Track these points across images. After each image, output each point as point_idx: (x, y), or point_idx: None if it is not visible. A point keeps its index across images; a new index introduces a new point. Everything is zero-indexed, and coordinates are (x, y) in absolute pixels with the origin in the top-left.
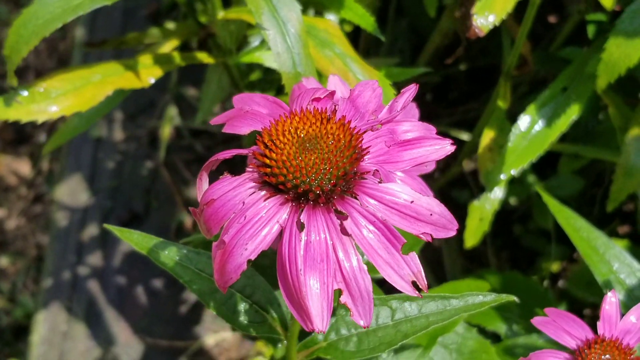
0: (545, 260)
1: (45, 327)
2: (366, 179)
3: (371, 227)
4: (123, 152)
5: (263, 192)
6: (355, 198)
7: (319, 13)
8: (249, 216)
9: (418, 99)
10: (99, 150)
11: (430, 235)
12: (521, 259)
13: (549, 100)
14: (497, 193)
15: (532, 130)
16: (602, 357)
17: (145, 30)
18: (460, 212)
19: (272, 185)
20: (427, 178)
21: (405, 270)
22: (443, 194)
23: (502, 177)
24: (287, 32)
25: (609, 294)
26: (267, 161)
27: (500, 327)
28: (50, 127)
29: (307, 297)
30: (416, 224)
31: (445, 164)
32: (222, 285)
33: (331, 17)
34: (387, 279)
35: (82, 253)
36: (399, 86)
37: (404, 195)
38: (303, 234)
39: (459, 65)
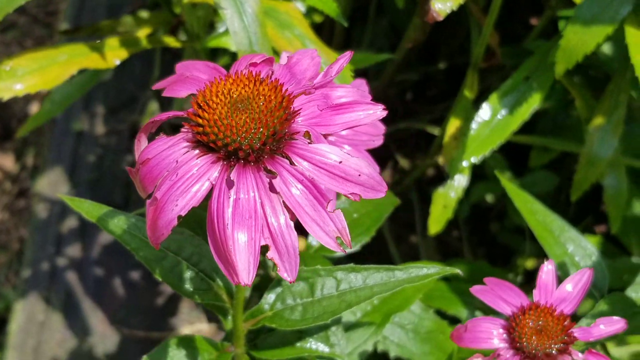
0: (520, 257)
1: (22, 317)
2: (296, 139)
3: (299, 186)
4: (104, 146)
5: (196, 151)
6: (286, 158)
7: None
8: (180, 173)
9: (398, 96)
10: (80, 143)
11: (359, 195)
12: (498, 256)
13: (511, 90)
14: (461, 181)
15: (494, 119)
16: (536, 323)
17: (119, 19)
18: None
19: (204, 144)
20: (402, 172)
21: (331, 227)
22: (421, 191)
23: (464, 164)
24: (244, 12)
25: (546, 263)
26: (200, 120)
27: (462, 312)
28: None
29: (234, 251)
30: (345, 184)
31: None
32: (155, 242)
33: (299, 5)
34: (312, 234)
35: (61, 244)
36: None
37: (332, 156)
38: (232, 191)
39: (438, 63)
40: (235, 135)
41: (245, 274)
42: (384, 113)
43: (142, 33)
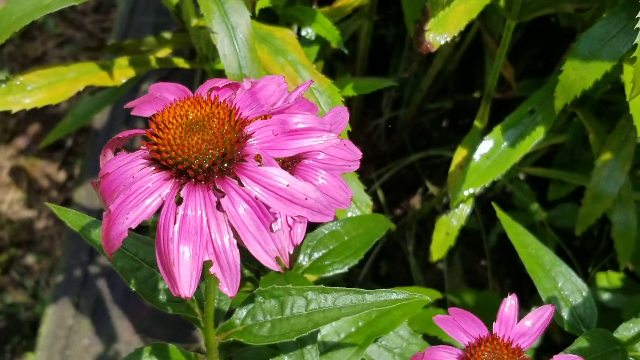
0: None
1: (53, 320)
2: (247, 161)
3: (245, 206)
4: None
5: (152, 168)
6: (235, 178)
7: (299, 28)
8: (134, 188)
9: (433, 124)
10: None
11: (306, 218)
12: (524, 287)
13: (515, 123)
14: (464, 209)
15: (496, 151)
16: (491, 354)
17: (142, 39)
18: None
19: (158, 162)
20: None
21: (271, 247)
22: None
23: (465, 193)
24: (236, 37)
25: (509, 297)
26: (155, 139)
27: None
28: (79, 131)
29: (177, 264)
30: (291, 206)
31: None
32: (108, 252)
33: (309, 31)
34: (253, 253)
35: (94, 253)
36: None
37: (280, 179)
38: (180, 208)
39: (474, 92)
40: (186, 155)
41: (187, 287)
42: (337, 141)
43: (163, 53)
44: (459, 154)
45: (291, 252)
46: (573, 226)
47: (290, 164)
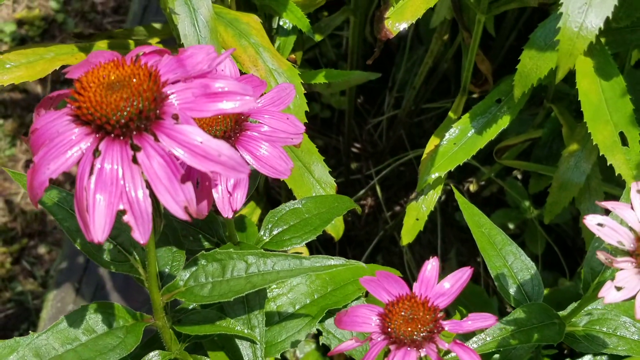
0: None
1: (54, 305)
2: (164, 119)
3: (160, 160)
4: None
5: (75, 124)
6: (152, 135)
7: (271, 16)
8: (56, 141)
9: (434, 123)
10: None
11: (219, 174)
12: None
13: (483, 111)
14: (434, 195)
15: (463, 138)
16: (408, 312)
17: (133, 28)
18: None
19: (81, 118)
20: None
21: (181, 197)
22: (445, 215)
23: (433, 176)
24: (197, 18)
25: (431, 259)
26: (77, 96)
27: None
28: None
29: (92, 212)
30: (206, 162)
31: None
32: (33, 201)
33: (287, 21)
34: (164, 203)
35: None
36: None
37: (195, 136)
38: (98, 160)
39: (474, 93)
40: (104, 111)
41: (100, 232)
42: (256, 105)
43: (152, 42)
44: (432, 142)
45: (230, 216)
46: (565, 223)
47: (233, 135)
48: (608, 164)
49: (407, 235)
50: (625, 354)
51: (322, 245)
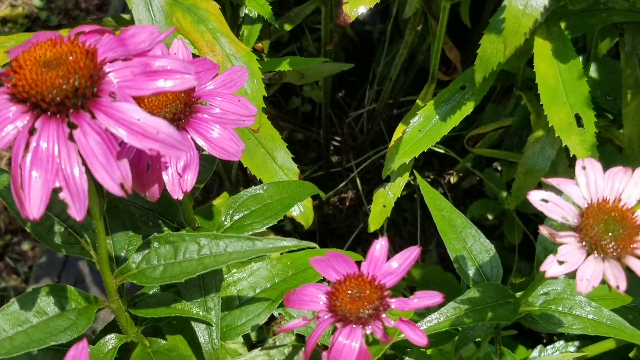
0: (514, 276)
1: None
2: (101, 97)
3: (96, 137)
4: None
5: (11, 102)
6: (89, 112)
7: (238, 6)
8: None
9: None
10: None
11: (158, 151)
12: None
13: (447, 98)
14: (400, 182)
15: (428, 124)
16: (354, 290)
17: (102, 18)
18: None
19: (17, 96)
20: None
21: (117, 174)
22: (424, 207)
23: (396, 163)
24: (151, 3)
25: (380, 239)
26: (13, 75)
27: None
28: None
29: (28, 189)
30: (144, 140)
31: None
32: None
33: (253, 10)
34: (100, 181)
35: None
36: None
37: (132, 114)
38: (34, 138)
39: None
40: (40, 89)
41: (36, 209)
42: (195, 83)
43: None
44: (399, 130)
45: (180, 198)
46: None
47: (183, 117)
48: (563, 145)
49: (374, 222)
50: (579, 332)
51: (303, 239)
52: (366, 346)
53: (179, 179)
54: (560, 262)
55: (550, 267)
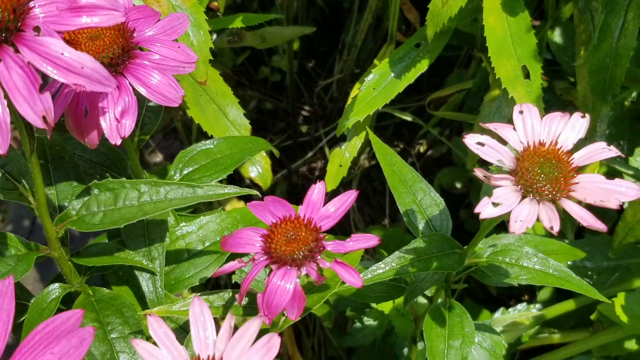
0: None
1: None
2: (25, 31)
3: (19, 71)
4: None
5: None
6: (13, 46)
7: None
8: None
9: None
10: None
11: (84, 86)
12: (465, 242)
13: (402, 56)
14: (357, 142)
15: (382, 82)
16: (290, 232)
17: None
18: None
19: None
20: None
21: (39, 107)
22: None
23: (351, 121)
24: None
25: (317, 184)
26: None
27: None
28: None
29: None
30: (69, 74)
31: None
32: None
33: None
34: (22, 114)
35: None
36: None
37: (56, 48)
38: None
39: None
40: None
41: None
42: (123, 19)
43: None
44: (355, 89)
45: (118, 143)
46: None
47: (121, 62)
48: (510, 97)
49: (331, 181)
50: (526, 282)
51: None
52: (301, 288)
53: (116, 124)
54: (495, 204)
55: (485, 208)
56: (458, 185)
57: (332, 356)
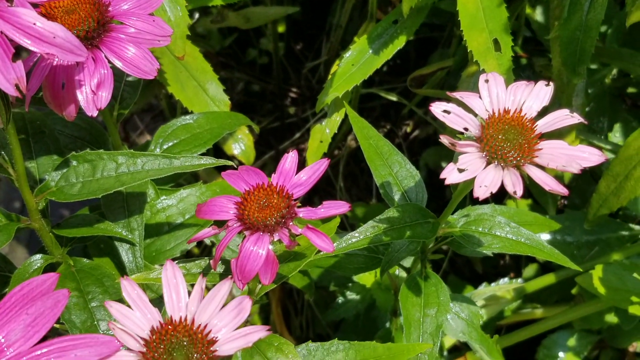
0: None
1: None
2: None
3: None
4: None
5: None
6: None
7: None
8: None
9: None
10: None
11: (55, 55)
12: None
13: (380, 33)
14: (337, 118)
15: (361, 59)
16: (262, 199)
17: None
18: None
19: None
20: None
21: (12, 75)
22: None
23: (330, 97)
24: None
25: (290, 153)
26: None
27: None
28: None
29: None
30: (41, 44)
31: None
32: None
33: None
34: None
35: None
36: None
37: (28, 17)
38: None
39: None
40: None
41: None
42: None
43: None
44: (335, 65)
45: (95, 115)
46: None
47: (97, 36)
48: (480, 69)
49: (312, 157)
50: (498, 251)
51: None
52: (273, 253)
53: (93, 96)
54: (461, 170)
55: (450, 174)
56: (444, 164)
57: (319, 334)
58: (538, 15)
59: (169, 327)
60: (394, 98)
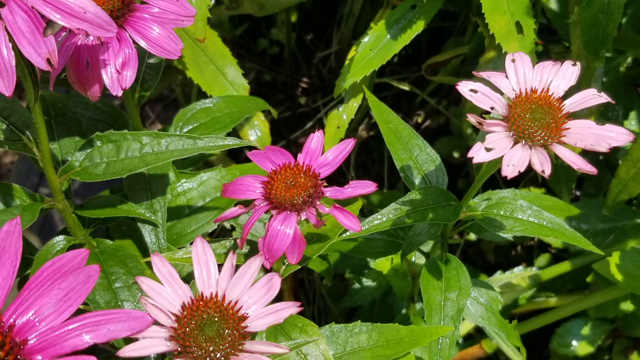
0: None
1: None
2: None
3: (24, 15)
4: None
5: None
6: None
7: None
8: None
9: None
10: None
11: (85, 31)
12: None
13: (399, 18)
14: (354, 104)
15: (379, 44)
16: (289, 179)
17: None
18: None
19: None
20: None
21: (43, 49)
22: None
23: (348, 82)
24: None
25: (316, 132)
26: None
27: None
28: None
29: None
30: (71, 19)
31: None
32: None
33: None
34: (27, 56)
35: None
36: None
37: None
38: None
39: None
40: None
41: None
42: None
43: None
44: (353, 50)
45: (120, 94)
46: None
47: (121, 15)
48: (503, 52)
49: (329, 142)
50: (520, 234)
51: None
52: (300, 232)
53: (117, 76)
54: (488, 149)
55: (478, 153)
56: (456, 154)
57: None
58: (552, 3)
59: (200, 303)
60: (406, 87)
